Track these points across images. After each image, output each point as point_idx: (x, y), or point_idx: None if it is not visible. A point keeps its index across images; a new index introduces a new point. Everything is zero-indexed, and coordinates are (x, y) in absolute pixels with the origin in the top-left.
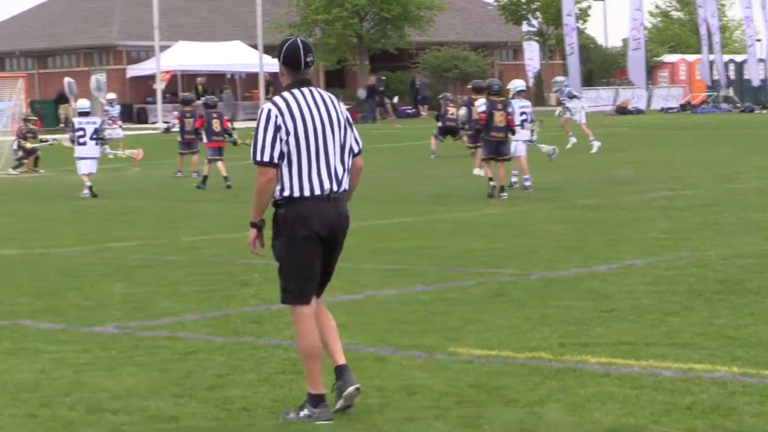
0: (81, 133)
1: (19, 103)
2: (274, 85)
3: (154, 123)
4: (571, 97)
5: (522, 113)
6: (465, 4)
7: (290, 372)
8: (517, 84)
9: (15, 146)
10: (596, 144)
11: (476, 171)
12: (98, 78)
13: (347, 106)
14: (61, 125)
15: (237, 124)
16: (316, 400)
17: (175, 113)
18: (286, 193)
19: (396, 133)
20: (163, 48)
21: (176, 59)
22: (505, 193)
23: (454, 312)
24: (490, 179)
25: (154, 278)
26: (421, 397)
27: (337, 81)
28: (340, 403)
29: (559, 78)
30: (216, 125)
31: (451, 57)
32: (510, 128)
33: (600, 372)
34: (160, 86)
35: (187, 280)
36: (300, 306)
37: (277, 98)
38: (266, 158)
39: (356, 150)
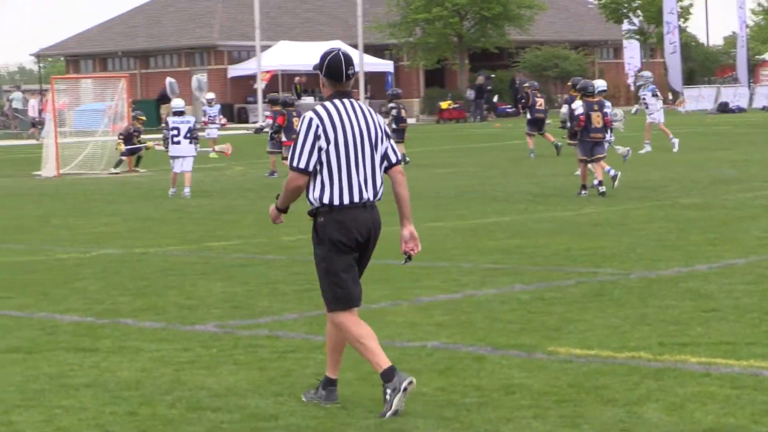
0: (175, 132)
1: (121, 103)
2: (371, 83)
3: (254, 122)
4: (654, 95)
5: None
6: (566, 3)
7: None
8: (598, 84)
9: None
10: (676, 142)
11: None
12: (199, 78)
13: (455, 105)
14: (162, 125)
15: None
16: (389, 374)
17: (267, 113)
18: (326, 200)
19: (496, 132)
20: (263, 48)
21: (277, 59)
22: (602, 187)
23: (553, 311)
24: (583, 186)
25: (254, 277)
26: (520, 397)
27: (436, 80)
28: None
29: (646, 73)
30: (296, 123)
31: (552, 56)
32: (607, 127)
33: (700, 372)
34: (261, 86)
35: (287, 279)
36: (343, 312)
37: (318, 107)
38: (302, 165)
39: (393, 160)
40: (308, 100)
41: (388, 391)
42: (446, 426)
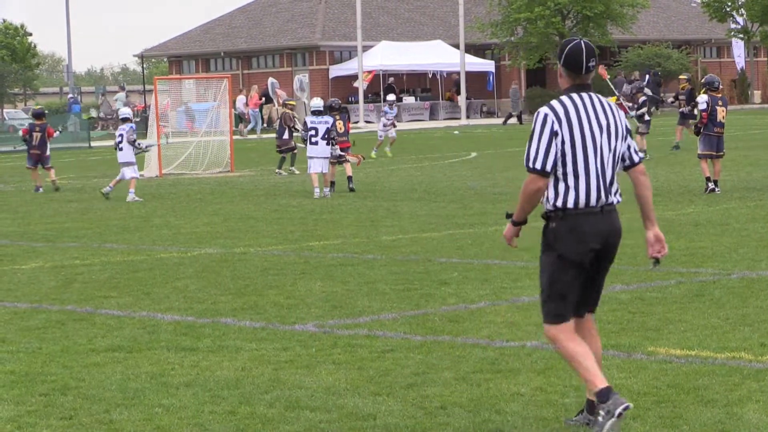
0: (313, 132)
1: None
2: (471, 83)
3: (355, 123)
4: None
5: None
6: (668, 2)
7: (488, 371)
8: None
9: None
10: None
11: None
12: (301, 78)
13: (618, 102)
14: (264, 125)
15: (436, 123)
16: (604, 394)
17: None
18: (559, 203)
19: None
20: (365, 48)
21: (378, 59)
22: (717, 188)
23: (653, 312)
24: (708, 178)
25: (354, 276)
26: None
27: (537, 80)
28: (580, 419)
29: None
30: (339, 126)
31: (654, 55)
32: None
33: None
34: (362, 86)
35: (386, 279)
36: (555, 325)
37: (554, 102)
38: (539, 165)
39: (635, 159)
40: (409, 100)
41: (602, 413)
42: (545, 426)
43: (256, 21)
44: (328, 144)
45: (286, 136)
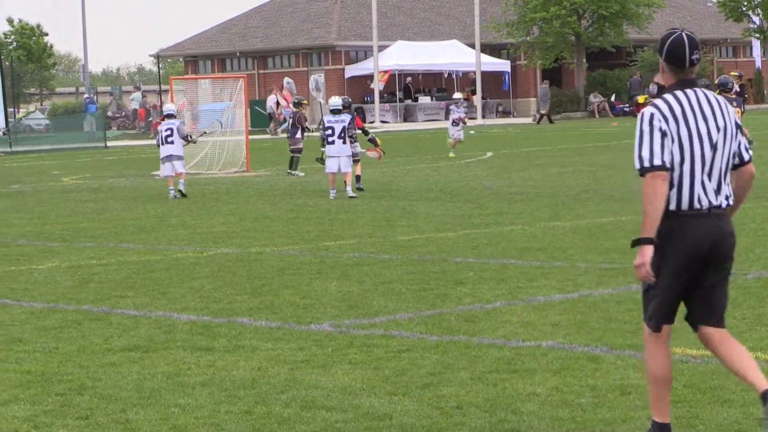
0: (330, 131)
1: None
2: (487, 82)
3: (371, 122)
4: None
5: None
6: (684, 2)
7: (504, 371)
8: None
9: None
10: None
11: None
12: (317, 78)
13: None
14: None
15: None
16: (660, 430)
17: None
18: None
19: (613, 131)
20: (381, 48)
21: (394, 59)
22: None
23: None
24: None
25: (370, 276)
26: (635, 397)
27: (553, 80)
28: None
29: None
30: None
31: None
32: None
33: None
34: (378, 86)
35: (402, 279)
36: (648, 329)
37: (659, 101)
38: (657, 161)
39: (746, 158)
40: (425, 100)
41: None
42: (561, 426)
43: (272, 21)
44: (345, 143)
45: (298, 135)
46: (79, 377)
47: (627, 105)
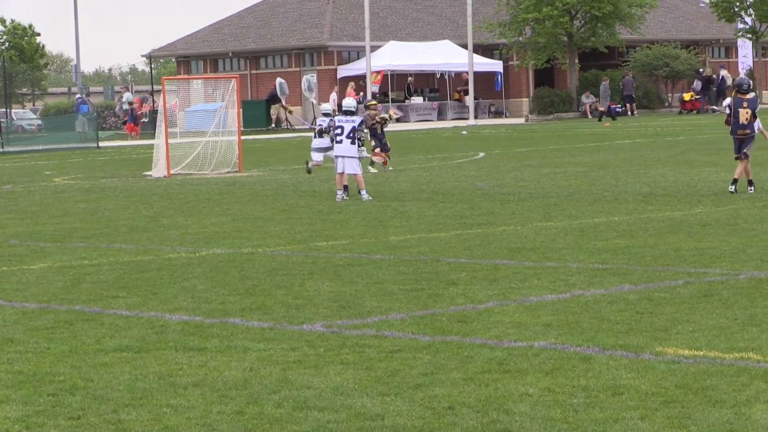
0: (339, 131)
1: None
2: (480, 83)
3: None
4: None
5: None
6: (677, 2)
7: (496, 371)
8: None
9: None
10: None
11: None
12: (309, 78)
13: (696, 97)
14: (272, 126)
15: (444, 124)
16: None
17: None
18: None
19: (606, 131)
20: (373, 48)
21: (386, 59)
22: (752, 188)
23: (661, 312)
24: (734, 180)
25: (362, 277)
26: (627, 398)
27: (546, 80)
28: None
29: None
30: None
31: (662, 55)
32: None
33: None
34: (370, 86)
35: (394, 279)
36: None
37: None
38: None
39: None
40: (417, 100)
41: None
42: (553, 426)
43: (265, 21)
44: (353, 143)
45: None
46: (71, 377)
47: (619, 105)
